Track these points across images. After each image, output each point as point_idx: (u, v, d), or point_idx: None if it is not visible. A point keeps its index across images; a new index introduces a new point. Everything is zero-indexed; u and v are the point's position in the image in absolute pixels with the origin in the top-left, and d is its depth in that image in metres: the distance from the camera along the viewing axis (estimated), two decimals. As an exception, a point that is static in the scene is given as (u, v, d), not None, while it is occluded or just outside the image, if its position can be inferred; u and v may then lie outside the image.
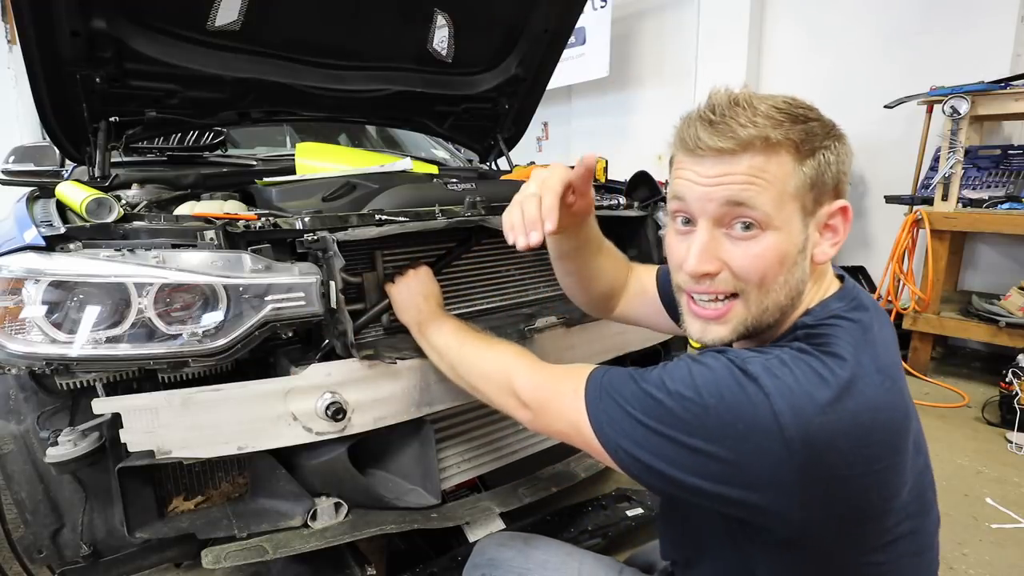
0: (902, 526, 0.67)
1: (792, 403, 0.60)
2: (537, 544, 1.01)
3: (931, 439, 2.66)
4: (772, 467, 0.60)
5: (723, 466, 0.62)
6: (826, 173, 0.68)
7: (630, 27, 5.39)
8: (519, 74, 1.92)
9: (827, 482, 0.60)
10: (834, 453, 0.60)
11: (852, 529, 0.65)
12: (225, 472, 1.20)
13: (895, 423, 0.63)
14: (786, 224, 0.68)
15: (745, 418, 0.61)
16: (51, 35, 1.26)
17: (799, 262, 0.70)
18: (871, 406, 0.61)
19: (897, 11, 3.76)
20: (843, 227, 0.71)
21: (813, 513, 0.62)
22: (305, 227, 1.13)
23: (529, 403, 0.84)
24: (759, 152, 0.66)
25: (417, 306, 1.15)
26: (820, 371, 0.62)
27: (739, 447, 0.61)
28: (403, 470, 1.26)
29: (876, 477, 0.62)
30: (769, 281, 0.69)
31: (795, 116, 0.67)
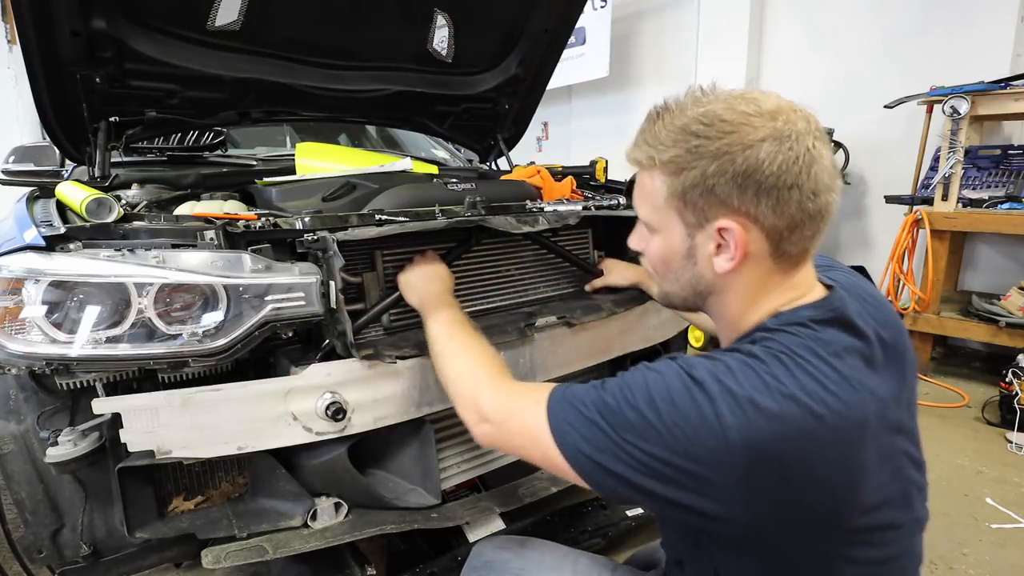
0: (864, 534, 0.68)
1: (734, 408, 0.62)
2: (533, 545, 1.02)
3: (931, 439, 2.66)
4: (717, 470, 0.62)
5: (673, 470, 0.64)
6: (696, 190, 0.70)
7: (630, 27, 5.39)
8: (519, 74, 1.92)
9: (771, 486, 0.62)
10: (776, 457, 0.61)
11: (805, 533, 0.66)
12: (225, 472, 1.20)
13: (844, 431, 0.63)
14: (665, 230, 0.77)
15: (692, 422, 0.63)
16: (51, 35, 1.26)
17: (686, 266, 0.77)
18: (815, 413, 0.62)
19: (897, 11, 3.76)
20: (734, 246, 0.71)
21: (760, 517, 0.64)
22: (305, 227, 1.13)
23: (491, 417, 0.86)
24: (642, 169, 0.77)
25: (423, 287, 1.15)
26: (763, 376, 0.64)
27: (687, 450, 0.63)
28: (403, 470, 1.26)
29: (823, 482, 0.63)
30: (660, 273, 0.82)
31: (689, 134, 0.70)
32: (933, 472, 2.21)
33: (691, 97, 0.72)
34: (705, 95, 0.72)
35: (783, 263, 0.73)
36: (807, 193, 0.68)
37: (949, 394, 3.00)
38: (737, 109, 0.69)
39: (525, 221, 1.28)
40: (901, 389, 0.74)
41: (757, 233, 0.70)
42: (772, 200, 0.68)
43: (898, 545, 0.72)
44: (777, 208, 0.68)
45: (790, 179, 0.67)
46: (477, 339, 1.02)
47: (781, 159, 0.66)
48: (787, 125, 0.68)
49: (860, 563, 0.69)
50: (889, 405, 0.70)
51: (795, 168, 0.67)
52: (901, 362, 0.75)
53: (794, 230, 0.70)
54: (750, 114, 0.68)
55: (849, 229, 4.24)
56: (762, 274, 0.74)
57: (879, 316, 0.76)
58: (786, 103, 0.71)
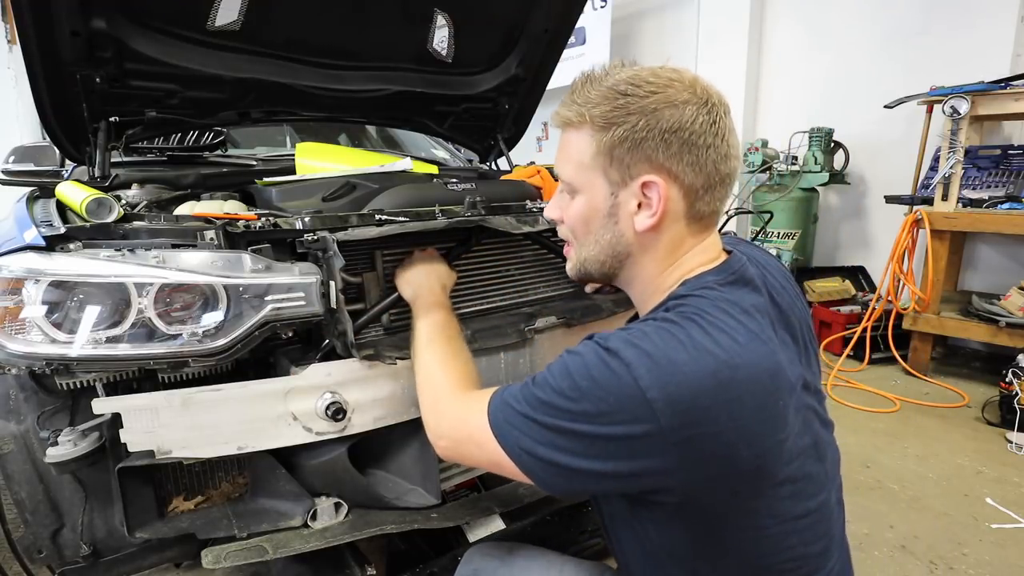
0: (788, 485, 0.71)
1: (651, 367, 0.64)
2: (520, 553, 1.02)
3: (931, 439, 2.67)
4: (646, 431, 0.64)
5: (607, 442, 0.66)
6: (623, 145, 0.74)
7: (630, 27, 5.40)
8: (519, 74, 1.92)
9: (698, 439, 0.64)
10: (699, 410, 0.63)
11: (737, 486, 0.69)
12: (225, 472, 1.20)
13: (759, 381, 0.66)
14: (588, 189, 0.79)
15: (613, 391, 0.65)
16: (51, 35, 1.26)
17: (607, 225, 0.79)
18: (731, 364, 0.65)
19: (897, 11, 3.76)
20: (656, 201, 0.75)
21: (693, 473, 0.66)
22: (305, 227, 1.13)
23: (445, 432, 0.88)
24: (569, 128, 0.79)
25: (418, 283, 1.14)
26: (678, 335, 0.67)
27: (616, 419, 0.65)
28: (403, 470, 1.26)
29: (745, 432, 0.65)
30: (581, 235, 0.83)
31: (617, 93, 0.74)
32: (933, 472, 2.23)
33: (617, 65, 0.78)
34: (630, 65, 0.78)
35: (694, 225, 0.78)
36: (721, 155, 0.74)
37: (949, 394, 3.01)
38: (662, 75, 0.74)
39: (525, 221, 1.28)
40: (799, 351, 0.79)
41: (676, 191, 0.75)
42: (692, 157, 0.73)
43: (816, 498, 0.75)
44: (696, 166, 0.74)
45: (708, 139, 0.73)
46: (453, 347, 1.01)
47: (702, 120, 0.72)
48: (705, 93, 0.74)
49: (783, 518, 0.72)
50: (793, 360, 0.75)
51: (713, 130, 0.73)
52: (794, 327, 0.80)
53: (708, 190, 0.76)
54: (673, 79, 0.74)
55: (849, 229, 4.24)
56: (677, 235, 0.78)
57: (773, 282, 0.82)
58: (702, 79, 0.77)
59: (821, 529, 0.77)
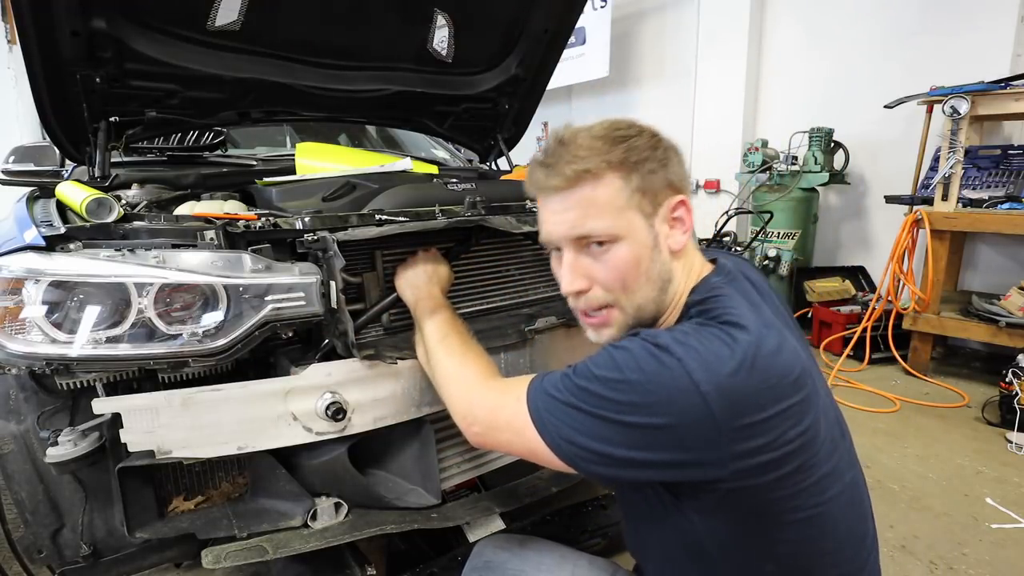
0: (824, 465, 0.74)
1: (701, 362, 0.67)
2: (533, 546, 1.03)
3: (931, 439, 2.67)
4: (698, 421, 0.66)
5: (657, 432, 0.68)
6: (654, 178, 0.80)
7: (630, 27, 5.40)
8: (519, 74, 1.92)
9: (749, 428, 0.67)
10: (748, 400, 0.67)
11: (781, 469, 0.70)
12: (225, 472, 1.20)
13: (790, 366, 0.70)
14: (631, 232, 0.80)
15: (665, 384, 0.68)
16: (51, 35, 1.26)
17: (655, 258, 0.82)
18: (767, 353, 0.69)
19: (897, 11, 3.76)
20: (687, 216, 0.83)
21: (745, 460, 0.68)
22: (305, 227, 1.13)
23: (479, 418, 0.89)
24: (587, 183, 0.79)
25: (417, 283, 1.16)
26: (720, 336, 0.70)
27: (666, 410, 0.67)
28: (403, 470, 1.26)
29: (788, 415, 0.69)
30: (632, 283, 0.82)
31: (614, 139, 0.79)
32: (933, 472, 2.23)
33: (568, 126, 0.85)
34: (567, 127, 0.85)
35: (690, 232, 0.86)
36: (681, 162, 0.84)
37: (949, 394, 3.01)
38: (612, 121, 0.84)
39: (525, 221, 1.28)
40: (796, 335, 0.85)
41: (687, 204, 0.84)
42: (682, 171, 0.83)
43: (848, 473, 0.80)
44: (685, 179, 0.83)
45: (679, 156, 0.84)
46: (467, 340, 1.03)
47: (669, 141, 0.83)
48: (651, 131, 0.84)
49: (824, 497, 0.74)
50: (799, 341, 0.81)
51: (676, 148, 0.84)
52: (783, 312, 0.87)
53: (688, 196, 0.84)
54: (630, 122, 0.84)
55: (849, 229, 4.24)
56: (691, 245, 0.86)
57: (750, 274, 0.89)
58: None
59: (858, 507, 0.81)
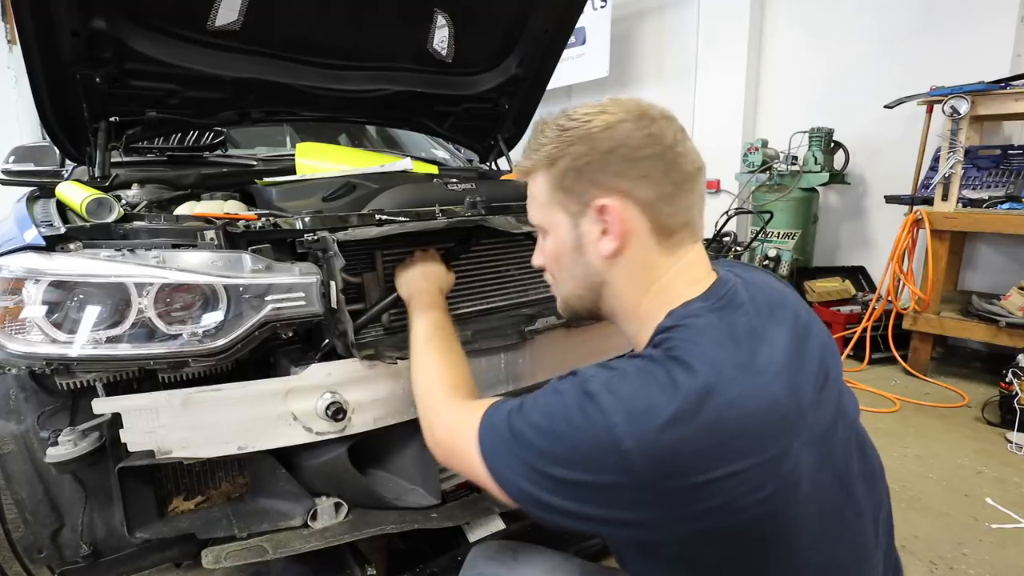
0: (807, 532, 0.65)
1: (628, 414, 0.60)
2: (524, 557, 1.00)
3: (931, 439, 2.66)
4: (620, 483, 0.60)
5: (581, 488, 0.63)
6: (569, 176, 0.76)
7: (630, 27, 5.40)
8: (519, 74, 1.92)
9: (685, 491, 0.60)
10: (682, 459, 0.59)
11: (739, 539, 0.63)
12: (225, 472, 1.20)
13: (754, 418, 0.61)
14: (553, 228, 0.81)
15: (588, 438, 0.62)
16: (51, 35, 1.26)
17: (577, 258, 0.79)
18: (720, 403, 0.60)
19: (897, 11, 3.76)
20: (614, 224, 0.74)
21: (683, 526, 0.62)
22: (305, 227, 1.13)
23: (441, 442, 0.85)
24: (526, 176, 0.83)
25: (413, 281, 1.14)
26: (661, 380, 0.62)
27: (587, 467, 0.62)
28: (403, 470, 1.26)
29: (743, 478, 0.59)
30: (557, 275, 0.84)
31: (555, 134, 0.77)
32: (933, 472, 2.23)
33: (562, 111, 0.79)
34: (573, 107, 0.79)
35: (665, 241, 0.75)
36: (671, 163, 0.73)
37: (949, 394, 3.00)
38: (599, 104, 0.76)
39: (525, 221, 1.28)
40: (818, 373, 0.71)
41: (634, 208, 0.74)
42: (638, 171, 0.73)
43: (845, 537, 0.70)
44: (644, 179, 0.73)
45: (651, 151, 0.73)
46: (450, 349, 1.00)
47: (640, 134, 0.73)
48: (639, 110, 0.75)
49: (806, 568, 0.67)
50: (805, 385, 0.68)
51: (654, 141, 0.73)
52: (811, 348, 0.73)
53: (666, 200, 0.74)
54: (607, 106, 0.75)
55: (849, 229, 4.24)
56: (647, 255, 0.75)
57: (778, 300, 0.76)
58: (644, 101, 0.77)
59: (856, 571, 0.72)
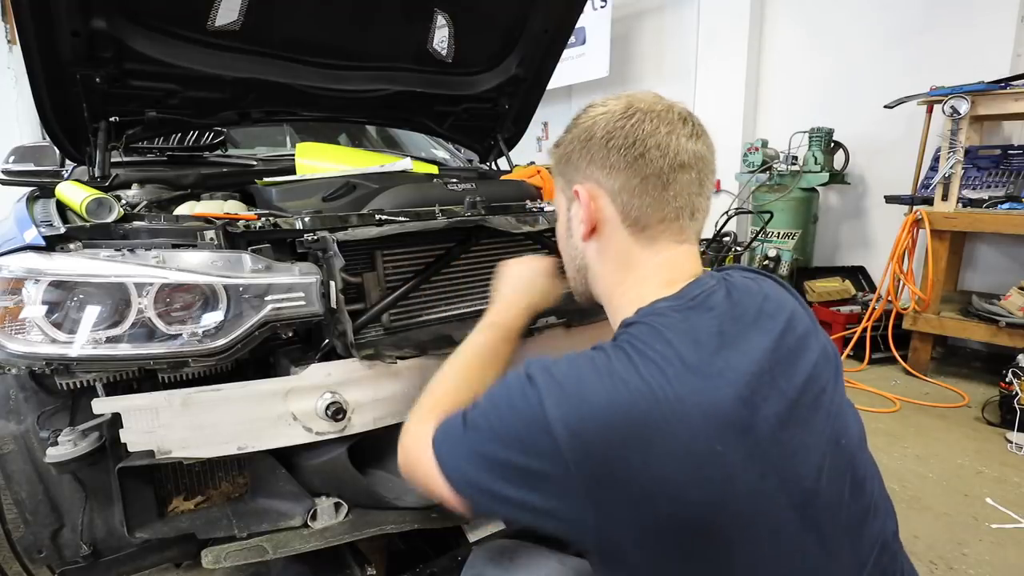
0: (746, 550, 0.61)
1: (560, 398, 0.61)
2: (521, 559, 0.99)
3: (931, 439, 2.66)
4: (551, 466, 0.60)
5: (518, 471, 0.63)
6: (562, 162, 0.81)
7: (630, 27, 5.40)
8: (519, 74, 1.92)
9: (607, 483, 0.59)
10: (607, 449, 0.58)
11: (661, 548, 0.61)
12: (225, 472, 1.20)
13: (686, 421, 0.58)
14: (558, 210, 0.88)
15: (523, 418, 0.63)
16: (51, 35, 1.26)
17: (568, 240, 0.85)
18: (651, 399, 0.59)
19: (897, 11, 3.76)
20: (584, 208, 0.78)
21: (607, 521, 0.60)
22: (305, 227, 1.13)
23: (404, 448, 0.81)
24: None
25: (502, 286, 1.06)
26: (599, 365, 0.63)
27: (525, 449, 0.63)
28: (403, 470, 1.26)
29: (663, 481, 0.58)
30: (562, 254, 0.90)
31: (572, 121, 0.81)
32: (933, 472, 2.23)
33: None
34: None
35: (639, 235, 0.76)
36: (637, 155, 0.73)
37: (949, 394, 3.00)
38: (613, 97, 0.78)
39: (525, 221, 1.28)
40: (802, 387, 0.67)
41: (604, 198, 0.77)
42: (609, 161, 0.74)
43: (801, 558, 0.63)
44: (613, 169, 0.74)
45: (619, 142, 0.73)
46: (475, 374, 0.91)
47: (613, 126, 0.74)
48: (631, 104, 0.75)
49: None
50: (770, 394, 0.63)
51: (624, 133, 0.73)
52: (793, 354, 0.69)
53: (634, 193, 0.74)
54: (611, 99, 0.78)
55: (849, 229, 4.24)
56: (621, 244, 0.77)
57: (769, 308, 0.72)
58: (652, 95, 0.77)
59: None
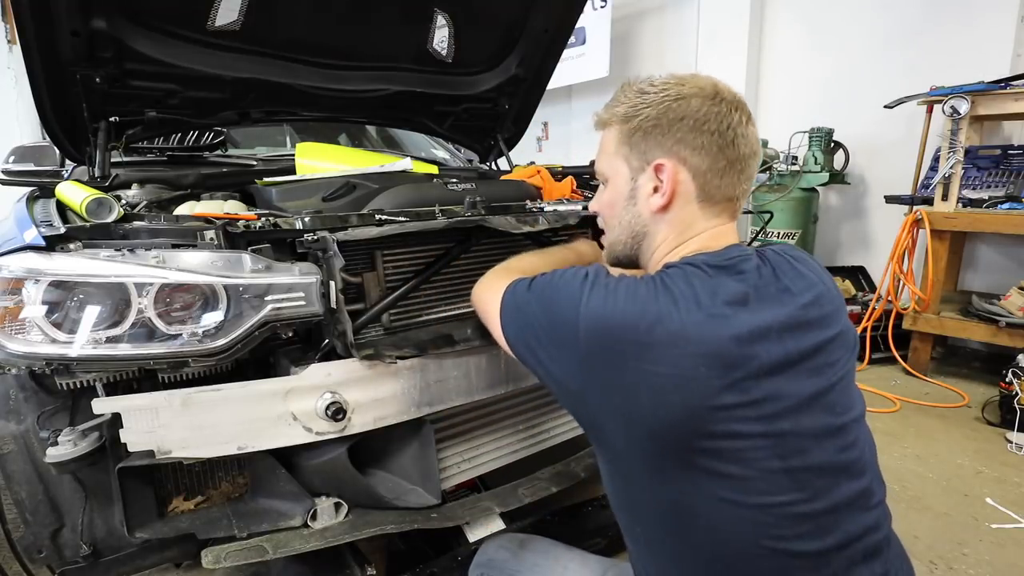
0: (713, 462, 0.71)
1: (593, 300, 0.75)
2: (531, 547, 1.07)
3: (931, 439, 2.66)
4: (571, 344, 0.76)
5: (550, 339, 0.80)
6: (648, 137, 0.85)
7: (630, 27, 5.40)
8: (519, 74, 1.92)
9: (602, 368, 0.73)
10: (611, 343, 0.72)
11: (640, 437, 0.74)
12: (225, 472, 1.20)
13: (679, 344, 0.70)
14: (614, 177, 0.91)
15: (567, 304, 0.78)
16: (51, 35, 1.26)
17: (628, 208, 0.90)
18: (657, 318, 0.71)
19: (897, 10, 3.76)
20: (668, 183, 0.84)
21: (599, 398, 0.75)
22: (305, 227, 1.13)
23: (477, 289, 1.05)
24: (604, 128, 0.92)
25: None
26: (632, 287, 0.76)
27: (558, 324, 0.79)
28: (403, 470, 1.26)
29: (647, 384, 0.70)
30: (609, 221, 0.95)
31: (636, 92, 0.87)
32: (933, 472, 2.23)
33: (650, 77, 0.89)
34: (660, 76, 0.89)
35: (708, 208, 0.85)
36: (727, 142, 0.82)
37: (949, 394, 3.00)
38: (678, 76, 0.86)
39: (525, 221, 1.28)
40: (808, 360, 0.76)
41: (686, 174, 0.84)
42: (698, 142, 0.82)
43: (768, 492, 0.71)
44: (701, 150, 0.82)
45: (712, 127, 0.82)
46: (552, 258, 1.17)
47: (706, 110, 0.82)
48: (714, 90, 0.84)
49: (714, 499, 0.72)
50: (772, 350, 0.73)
51: (718, 119, 0.82)
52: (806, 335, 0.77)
53: (716, 173, 0.83)
54: (686, 79, 0.85)
55: (849, 229, 4.24)
56: (689, 215, 0.86)
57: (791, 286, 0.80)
58: (721, 82, 0.86)
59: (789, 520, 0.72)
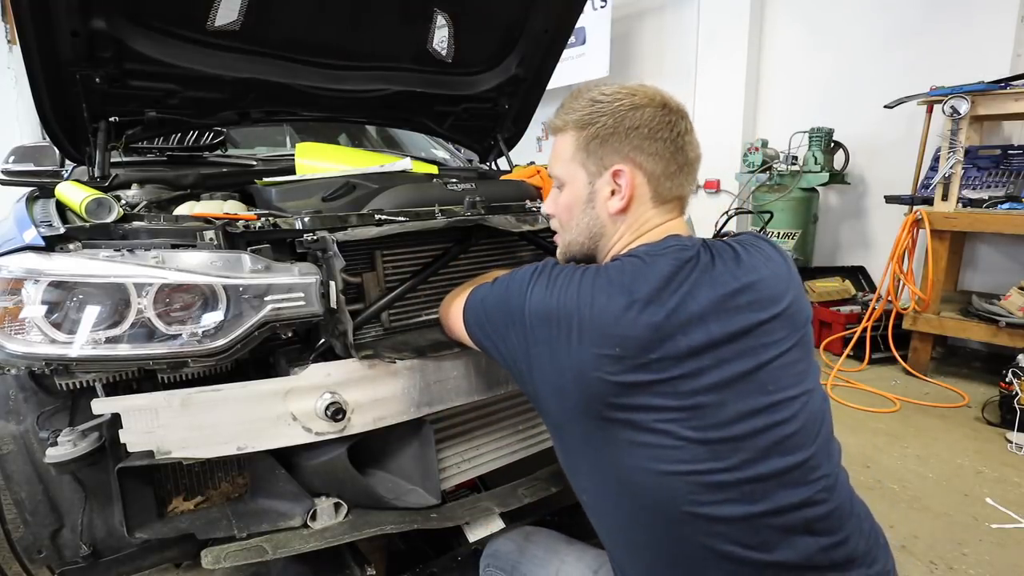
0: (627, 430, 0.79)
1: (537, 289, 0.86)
2: (534, 539, 1.11)
3: (931, 439, 2.66)
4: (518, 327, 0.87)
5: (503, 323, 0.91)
6: (594, 142, 0.91)
7: (630, 27, 5.40)
8: (519, 74, 1.92)
9: (540, 347, 0.84)
10: (547, 327, 0.83)
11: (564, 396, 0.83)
12: (225, 472, 1.20)
13: (607, 329, 0.78)
14: (571, 182, 0.96)
15: (518, 293, 0.89)
16: (51, 35, 1.26)
17: (586, 211, 0.95)
18: (589, 305, 0.80)
19: (897, 11, 3.76)
20: (625, 187, 0.90)
21: (540, 379, 0.86)
22: (305, 227, 1.13)
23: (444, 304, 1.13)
24: (558, 134, 0.97)
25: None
26: (574, 276, 0.84)
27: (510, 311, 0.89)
28: (403, 470, 1.26)
29: (577, 358, 0.79)
30: (565, 223, 0.99)
31: (590, 101, 0.92)
32: (933, 472, 2.23)
33: (597, 84, 0.95)
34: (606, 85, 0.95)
35: (661, 207, 0.93)
36: (677, 147, 0.90)
37: (949, 394, 3.01)
38: (629, 87, 0.92)
39: (525, 221, 1.28)
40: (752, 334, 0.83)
41: (642, 178, 0.91)
42: (652, 148, 0.89)
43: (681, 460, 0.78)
44: (655, 155, 0.89)
45: (665, 134, 0.89)
46: None
47: (659, 119, 0.89)
48: (663, 100, 0.91)
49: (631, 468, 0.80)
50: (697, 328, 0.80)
51: (669, 127, 0.89)
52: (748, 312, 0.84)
53: (669, 177, 0.91)
54: (637, 91, 0.91)
55: (849, 229, 4.24)
56: (643, 215, 0.92)
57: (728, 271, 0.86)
58: (664, 92, 0.93)
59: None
